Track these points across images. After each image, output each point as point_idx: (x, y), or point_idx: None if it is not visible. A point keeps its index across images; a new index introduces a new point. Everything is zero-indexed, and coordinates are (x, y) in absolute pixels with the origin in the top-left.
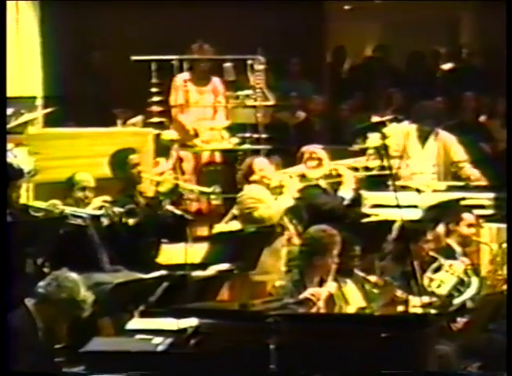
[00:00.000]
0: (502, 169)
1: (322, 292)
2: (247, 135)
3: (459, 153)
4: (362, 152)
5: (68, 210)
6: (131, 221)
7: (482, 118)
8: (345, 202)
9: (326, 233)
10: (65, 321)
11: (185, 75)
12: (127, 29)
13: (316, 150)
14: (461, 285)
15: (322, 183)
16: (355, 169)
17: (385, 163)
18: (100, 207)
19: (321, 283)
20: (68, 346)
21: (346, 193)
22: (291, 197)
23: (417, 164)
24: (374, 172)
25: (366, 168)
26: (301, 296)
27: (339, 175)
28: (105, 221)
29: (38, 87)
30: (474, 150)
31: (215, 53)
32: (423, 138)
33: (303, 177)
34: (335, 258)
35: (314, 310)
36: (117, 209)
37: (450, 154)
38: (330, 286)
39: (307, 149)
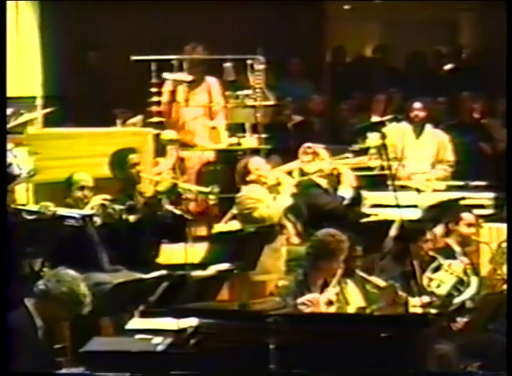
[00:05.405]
0: (502, 169)
1: (320, 299)
2: (247, 134)
3: (448, 153)
4: (363, 151)
5: (60, 211)
6: (131, 218)
7: (482, 118)
8: (345, 202)
9: (335, 239)
10: (66, 317)
11: (178, 76)
12: (127, 29)
13: (312, 145)
14: (461, 285)
15: (323, 182)
16: (357, 168)
17: (385, 162)
18: (101, 206)
19: (324, 286)
20: (68, 346)
21: (345, 192)
22: (290, 195)
23: (416, 164)
24: (375, 172)
25: (368, 168)
26: (299, 301)
27: (339, 174)
28: (98, 220)
29: (38, 87)
30: (474, 150)
31: (215, 53)
32: (422, 137)
33: (300, 174)
34: (341, 263)
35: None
36: (117, 207)
37: (445, 154)
38: (330, 292)
39: (304, 145)
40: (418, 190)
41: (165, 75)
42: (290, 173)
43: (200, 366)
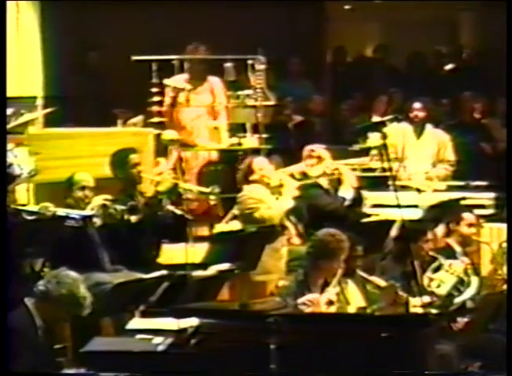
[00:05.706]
0: (503, 169)
1: (321, 299)
2: (248, 134)
3: (449, 153)
4: (364, 152)
5: (60, 212)
6: (132, 218)
7: (482, 118)
8: (346, 203)
9: (335, 238)
10: (65, 319)
11: (180, 76)
12: (127, 29)
13: (315, 147)
14: (461, 285)
15: (324, 183)
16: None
17: (385, 163)
18: (102, 206)
19: (324, 286)
20: (68, 346)
21: (346, 192)
22: (291, 197)
23: (417, 164)
24: (376, 173)
25: (370, 169)
26: (299, 301)
27: (340, 175)
28: (98, 221)
29: (38, 87)
30: (474, 150)
31: (216, 53)
32: (423, 137)
33: (303, 176)
34: (341, 263)
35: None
36: (118, 207)
37: (445, 154)
38: (331, 292)
39: (307, 147)
40: (419, 190)
41: (166, 81)
42: (292, 174)
43: (201, 366)
